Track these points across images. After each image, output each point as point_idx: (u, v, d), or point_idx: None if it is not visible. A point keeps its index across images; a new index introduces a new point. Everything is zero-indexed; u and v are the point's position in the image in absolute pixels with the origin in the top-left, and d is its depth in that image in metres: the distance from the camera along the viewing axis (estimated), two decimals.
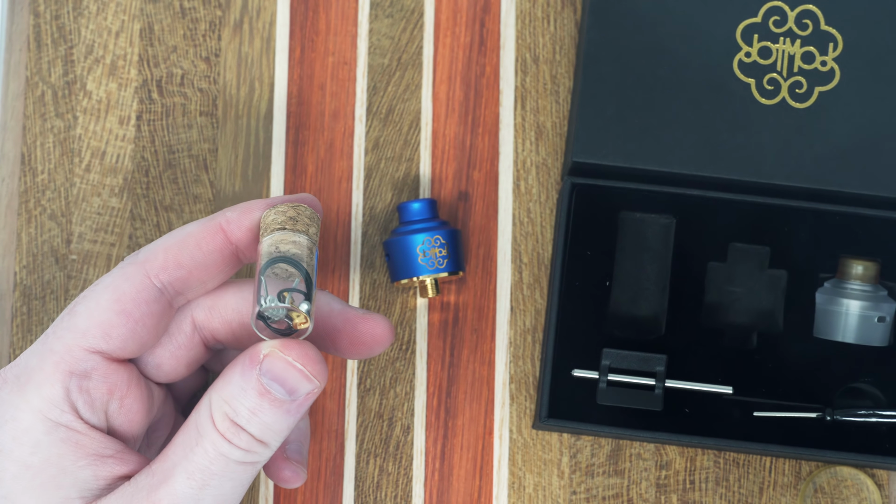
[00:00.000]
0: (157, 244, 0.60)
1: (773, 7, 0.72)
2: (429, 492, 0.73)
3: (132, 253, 0.60)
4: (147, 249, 0.60)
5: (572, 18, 0.77)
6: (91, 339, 0.58)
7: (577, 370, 0.71)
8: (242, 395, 0.57)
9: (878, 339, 0.71)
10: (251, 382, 0.58)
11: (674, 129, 0.71)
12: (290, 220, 0.59)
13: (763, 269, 0.73)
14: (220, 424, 0.57)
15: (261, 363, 0.57)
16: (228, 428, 0.57)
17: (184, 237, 0.60)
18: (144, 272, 0.59)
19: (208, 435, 0.57)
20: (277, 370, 0.58)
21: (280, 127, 0.76)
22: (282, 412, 0.58)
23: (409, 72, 0.76)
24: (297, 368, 0.58)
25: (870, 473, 0.73)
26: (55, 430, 0.58)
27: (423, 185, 0.75)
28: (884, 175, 0.70)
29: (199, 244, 0.59)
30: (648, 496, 0.73)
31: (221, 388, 0.58)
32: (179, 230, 0.60)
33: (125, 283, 0.59)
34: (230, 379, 0.58)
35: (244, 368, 0.58)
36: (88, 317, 0.58)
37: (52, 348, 0.58)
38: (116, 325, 0.58)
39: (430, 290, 0.72)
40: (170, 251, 0.59)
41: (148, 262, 0.59)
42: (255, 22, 0.76)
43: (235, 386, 0.58)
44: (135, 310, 0.59)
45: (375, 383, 0.74)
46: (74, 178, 0.75)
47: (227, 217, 0.60)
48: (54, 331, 0.59)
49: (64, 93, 0.76)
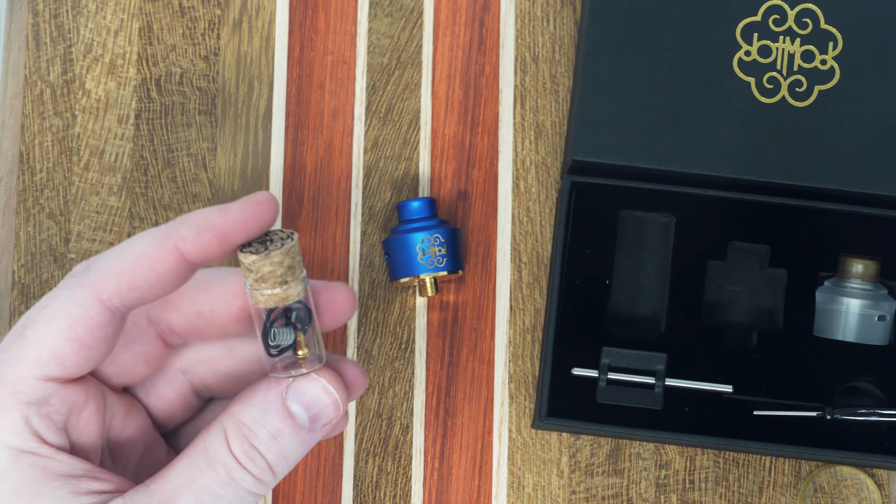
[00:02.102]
0: (108, 263, 0.57)
1: (772, 6, 0.72)
2: (428, 491, 0.73)
3: (80, 266, 0.57)
4: (97, 268, 0.56)
5: (572, 18, 0.77)
6: (45, 367, 0.56)
7: (576, 369, 0.71)
8: (264, 418, 0.56)
9: (878, 338, 0.71)
10: (275, 406, 0.56)
11: (673, 127, 0.71)
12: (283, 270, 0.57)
13: (763, 267, 0.73)
14: (237, 448, 0.56)
15: (288, 386, 0.57)
16: (245, 452, 0.56)
17: (137, 257, 0.56)
18: (97, 297, 0.56)
19: (221, 459, 0.56)
20: (308, 394, 0.57)
21: (279, 126, 0.76)
22: (298, 441, 0.57)
23: (408, 71, 0.76)
24: (329, 393, 0.57)
25: (870, 473, 0.73)
26: (20, 457, 0.56)
27: (422, 184, 0.75)
28: (884, 174, 0.70)
29: (154, 265, 0.56)
30: (648, 496, 0.73)
31: (240, 411, 0.57)
32: (130, 246, 0.57)
33: (77, 308, 0.56)
34: (251, 402, 0.57)
35: (268, 391, 0.57)
36: (40, 344, 0.56)
37: (4, 378, 0.56)
38: (70, 353, 0.56)
39: (430, 288, 0.72)
40: (123, 275, 0.56)
41: (100, 284, 0.56)
42: (255, 21, 0.76)
43: (257, 409, 0.56)
44: (88, 336, 0.56)
45: (374, 382, 0.74)
46: (73, 176, 0.75)
47: (181, 236, 0.56)
48: (4, 357, 0.56)
49: (63, 91, 0.76)
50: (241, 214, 0.56)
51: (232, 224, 0.56)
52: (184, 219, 0.56)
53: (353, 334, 0.74)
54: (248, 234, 0.56)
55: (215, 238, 0.56)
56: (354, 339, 0.74)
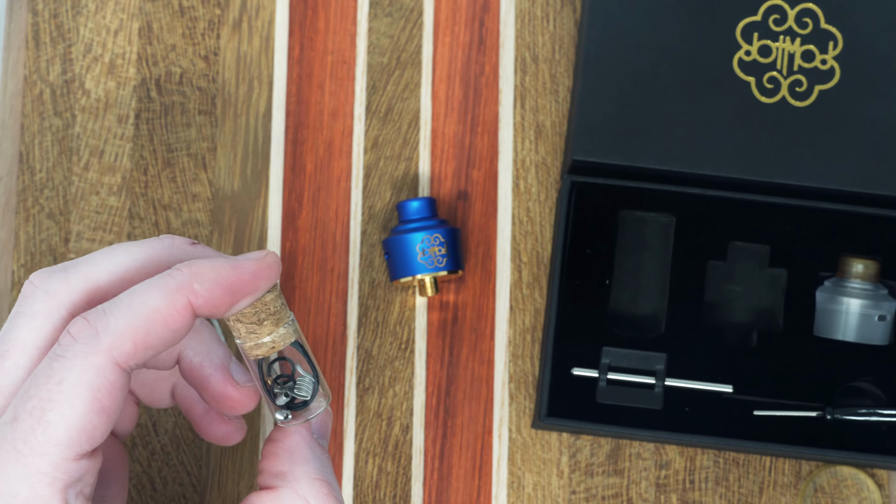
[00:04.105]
0: (120, 323, 0.54)
1: (773, 5, 0.72)
2: (428, 491, 0.73)
3: (82, 325, 0.54)
4: (109, 330, 0.54)
5: (571, 17, 0.76)
6: (77, 447, 0.54)
7: (576, 369, 0.71)
8: (324, 466, 0.58)
9: (878, 338, 0.71)
10: (319, 450, 0.59)
11: (673, 127, 0.71)
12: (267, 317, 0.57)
13: (763, 267, 0.73)
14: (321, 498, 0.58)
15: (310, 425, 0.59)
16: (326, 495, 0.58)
17: (149, 314, 0.54)
18: (114, 361, 0.54)
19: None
20: (322, 422, 0.59)
21: (279, 126, 0.76)
22: None
23: (408, 71, 0.76)
24: (329, 412, 0.60)
25: (870, 473, 0.73)
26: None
27: (422, 184, 0.75)
28: (884, 173, 0.70)
29: (167, 323, 0.54)
30: (648, 496, 0.73)
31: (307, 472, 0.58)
32: (139, 301, 0.54)
33: (97, 378, 0.53)
34: (307, 457, 0.58)
35: (309, 439, 0.59)
36: (67, 426, 0.53)
37: (38, 469, 0.53)
38: (98, 425, 0.54)
39: (430, 288, 0.72)
40: (138, 335, 0.54)
41: (115, 349, 0.54)
42: (254, 20, 0.76)
43: (317, 461, 0.58)
44: (111, 404, 0.54)
45: (374, 382, 0.74)
46: (73, 176, 0.75)
47: (195, 291, 0.55)
48: (30, 448, 0.53)
49: (62, 91, 0.76)
50: (254, 274, 0.56)
51: (244, 283, 0.55)
52: (194, 272, 0.55)
53: (353, 334, 0.74)
54: (256, 292, 0.55)
55: (227, 294, 0.55)
56: (354, 339, 0.74)
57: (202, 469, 0.73)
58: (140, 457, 0.73)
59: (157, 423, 0.73)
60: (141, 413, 0.73)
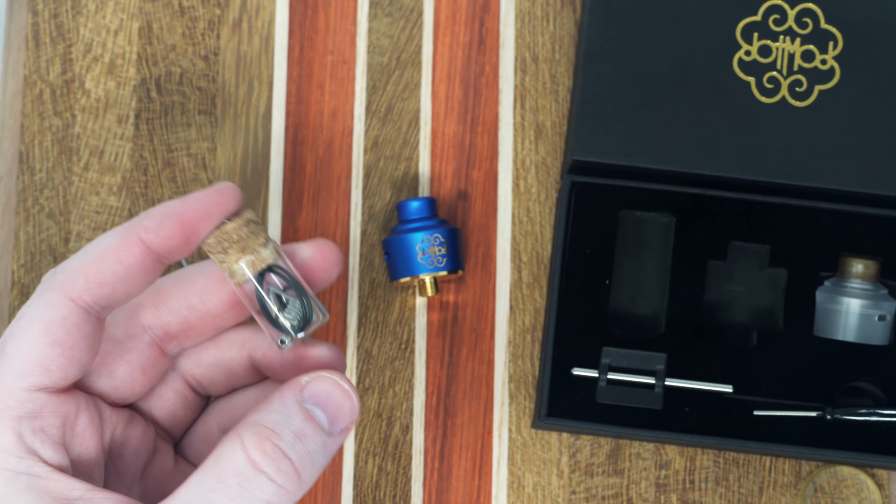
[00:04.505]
0: (75, 263, 0.56)
1: (772, 6, 0.72)
2: (428, 491, 0.73)
3: (49, 272, 0.57)
4: (64, 270, 0.56)
5: (572, 17, 0.76)
6: (30, 377, 0.55)
7: (576, 369, 0.71)
8: (286, 420, 0.55)
9: (878, 338, 0.71)
10: (294, 408, 0.55)
11: (673, 127, 0.71)
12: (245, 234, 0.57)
13: (763, 267, 0.73)
14: (256, 453, 0.54)
15: (304, 388, 0.56)
16: (268, 454, 0.54)
17: (101, 252, 0.56)
18: (66, 296, 0.55)
19: (234, 469, 0.54)
20: (323, 391, 0.56)
21: (279, 126, 0.76)
22: (321, 444, 0.55)
23: (408, 71, 0.76)
24: (342, 388, 0.56)
25: (870, 473, 0.73)
26: (16, 479, 0.55)
27: (422, 184, 0.75)
28: (884, 173, 0.70)
29: (119, 258, 0.56)
30: (648, 496, 0.73)
31: (258, 417, 0.55)
32: (96, 244, 0.57)
33: (50, 311, 0.55)
34: (268, 408, 0.55)
35: (284, 396, 0.55)
36: (22, 357, 0.55)
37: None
38: (53, 357, 0.55)
39: (430, 288, 0.72)
40: (89, 269, 0.56)
41: (68, 284, 0.56)
42: (254, 20, 0.76)
43: (276, 412, 0.55)
44: (66, 337, 0.55)
45: (374, 382, 0.74)
46: (73, 176, 0.75)
47: (144, 226, 0.56)
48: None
49: (62, 91, 0.76)
50: (202, 202, 0.56)
51: (194, 211, 0.56)
52: (147, 211, 0.57)
53: (353, 334, 0.74)
54: (210, 221, 0.56)
55: (178, 226, 0.56)
56: (354, 339, 0.74)
57: None
58: None
59: None
60: None
